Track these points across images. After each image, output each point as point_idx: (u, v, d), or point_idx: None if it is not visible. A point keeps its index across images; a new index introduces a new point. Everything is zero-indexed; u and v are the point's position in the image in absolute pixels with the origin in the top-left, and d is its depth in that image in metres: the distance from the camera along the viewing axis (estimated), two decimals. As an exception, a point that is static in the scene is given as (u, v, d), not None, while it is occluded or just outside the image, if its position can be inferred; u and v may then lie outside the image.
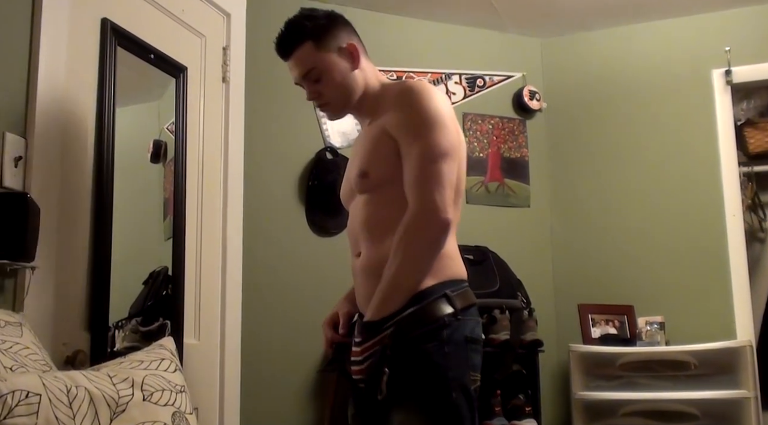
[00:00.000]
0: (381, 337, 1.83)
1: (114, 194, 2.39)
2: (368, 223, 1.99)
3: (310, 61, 2.03)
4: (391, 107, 1.97)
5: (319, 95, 2.07)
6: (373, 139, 2.00)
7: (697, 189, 3.90)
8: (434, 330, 1.85)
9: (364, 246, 2.00)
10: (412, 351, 1.83)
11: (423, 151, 1.89)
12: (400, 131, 1.93)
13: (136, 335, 2.49)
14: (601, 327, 3.80)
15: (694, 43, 4.00)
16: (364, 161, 2.01)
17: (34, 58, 2.13)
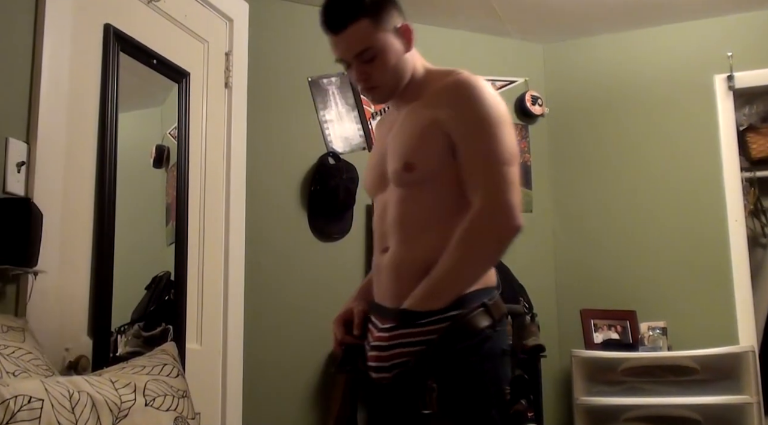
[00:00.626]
0: (416, 331, 1.76)
1: (116, 199, 2.40)
2: (404, 220, 1.88)
3: (366, 40, 1.85)
4: (446, 99, 1.85)
5: (369, 78, 1.89)
6: (420, 130, 1.87)
7: (699, 194, 3.90)
8: (477, 344, 1.78)
9: (395, 243, 1.88)
10: (455, 364, 1.76)
11: (493, 152, 1.80)
12: (461, 128, 1.82)
13: (139, 340, 2.49)
14: (603, 332, 3.79)
15: (696, 49, 4.00)
16: (409, 151, 1.87)
17: (37, 64, 2.14)
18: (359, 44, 1.85)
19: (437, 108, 1.85)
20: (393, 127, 1.97)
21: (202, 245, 2.91)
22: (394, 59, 1.88)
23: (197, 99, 2.95)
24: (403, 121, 1.93)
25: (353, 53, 1.86)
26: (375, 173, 2.01)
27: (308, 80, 3.60)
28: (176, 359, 2.00)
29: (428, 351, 1.74)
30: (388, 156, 1.92)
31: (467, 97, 1.83)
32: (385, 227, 1.93)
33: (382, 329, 1.82)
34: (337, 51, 1.90)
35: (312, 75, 3.60)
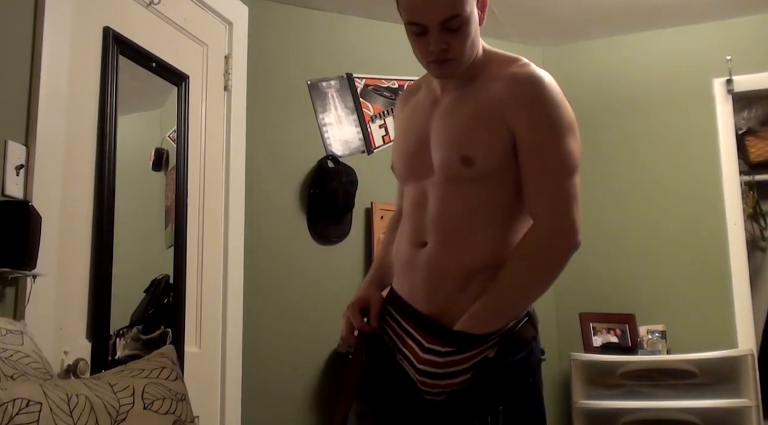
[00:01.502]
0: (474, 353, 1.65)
1: (115, 202, 2.40)
2: (451, 218, 1.72)
3: (458, 5, 1.64)
4: (516, 94, 1.69)
5: (448, 49, 1.68)
6: (482, 121, 1.70)
7: (698, 198, 3.90)
8: (525, 357, 1.70)
9: (437, 240, 1.72)
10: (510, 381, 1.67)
11: (562, 163, 1.68)
12: (531, 131, 1.68)
13: (137, 343, 2.49)
14: (602, 336, 3.79)
15: (695, 52, 4.00)
16: (467, 143, 1.70)
17: (36, 66, 2.14)
18: (450, 9, 1.63)
19: (503, 101, 1.69)
20: (436, 107, 1.80)
21: (201, 248, 2.92)
22: (474, 32, 1.70)
23: (196, 102, 2.95)
24: (456, 105, 1.76)
25: (441, 18, 1.64)
26: (413, 158, 1.81)
27: (307, 83, 3.60)
28: (175, 362, 1.99)
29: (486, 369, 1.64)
30: (435, 142, 1.75)
31: (540, 96, 1.69)
32: (423, 220, 1.76)
33: (433, 351, 1.67)
34: (416, 14, 1.66)
35: (311, 78, 3.60)
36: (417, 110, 1.86)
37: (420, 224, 1.76)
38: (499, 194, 1.71)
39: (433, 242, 1.73)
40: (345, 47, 3.78)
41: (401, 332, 1.76)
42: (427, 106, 1.83)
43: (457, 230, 1.72)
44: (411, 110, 1.89)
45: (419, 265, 1.74)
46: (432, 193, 1.75)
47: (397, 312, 1.79)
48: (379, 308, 1.81)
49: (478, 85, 1.74)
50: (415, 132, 1.82)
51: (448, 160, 1.71)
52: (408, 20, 1.68)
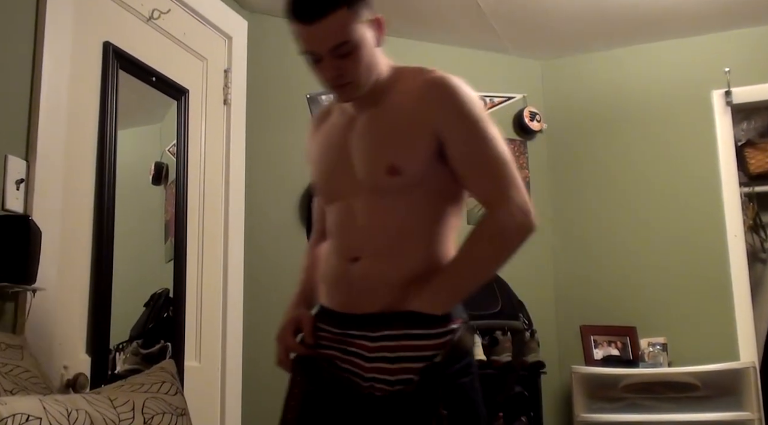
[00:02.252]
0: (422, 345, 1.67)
1: (115, 216, 2.40)
2: (383, 229, 1.74)
3: (344, 32, 1.68)
4: (432, 98, 1.73)
5: (344, 73, 1.72)
6: (401, 130, 1.74)
7: (698, 210, 3.90)
8: (467, 365, 1.73)
9: (370, 254, 1.74)
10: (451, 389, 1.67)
11: (496, 150, 1.73)
12: (458, 130, 1.71)
13: (137, 357, 2.49)
14: (603, 349, 3.78)
15: (693, 65, 4.01)
16: (392, 152, 1.72)
17: (37, 81, 2.15)
18: (337, 36, 1.68)
19: (422, 107, 1.73)
20: (352, 125, 1.82)
21: (201, 262, 2.91)
22: (369, 54, 1.73)
23: (196, 116, 2.96)
24: (374, 119, 1.78)
25: (330, 46, 1.69)
26: (336, 176, 1.83)
27: (306, 97, 3.60)
28: (175, 376, 1.99)
29: (431, 375, 1.65)
30: (357, 156, 1.78)
31: (457, 95, 1.73)
32: (353, 235, 1.78)
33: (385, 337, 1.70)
34: (308, 43, 1.71)
35: (310, 92, 3.61)
36: (333, 131, 1.89)
37: (350, 239, 1.79)
38: (426, 203, 1.75)
39: (365, 256, 1.75)
40: (344, 61, 3.79)
41: (342, 337, 1.78)
42: (342, 125, 1.85)
43: (388, 242, 1.74)
44: (326, 132, 1.92)
45: (353, 279, 1.76)
46: (359, 208, 1.77)
47: (331, 325, 1.81)
48: (311, 326, 1.84)
49: (393, 98, 1.78)
50: (334, 151, 1.85)
51: (374, 171, 1.74)
52: (302, 49, 1.74)
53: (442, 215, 1.77)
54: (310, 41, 1.71)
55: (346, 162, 1.79)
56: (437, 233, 1.75)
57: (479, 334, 3.44)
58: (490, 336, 3.47)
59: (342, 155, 1.81)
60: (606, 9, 3.69)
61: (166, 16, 2.78)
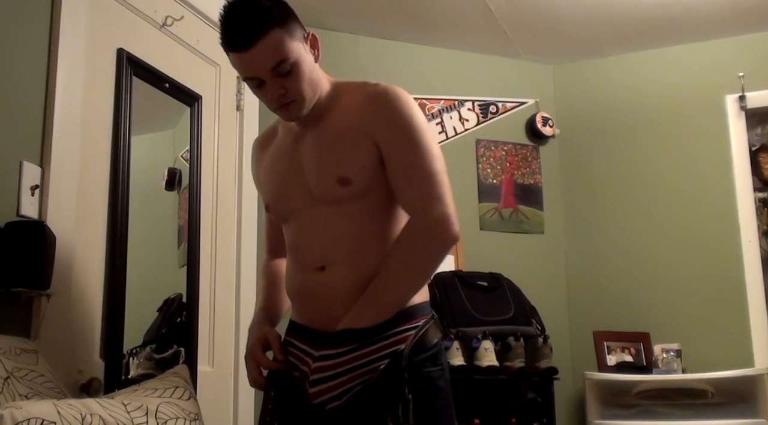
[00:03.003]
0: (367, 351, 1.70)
1: (129, 221, 2.41)
2: (342, 237, 1.79)
3: (281, 51, 1.71)
4: (371, 110, 1.78)
5: (287, 92, 1.76)
6: (349, 142, 1.79)
7: (712, 215, 3.88)
8: (434, 356, 1.77)
9: (334, 262, 1.79)
10: (417, 376, 1.72)
11: (427, 160, 1.77)
12: (391, 138, 1.77)
13: (151, 362, 2.49)
14: (616, 355, 3.77)
15: (707, 69, 4.00)
16: (341, 165, 1.78)
17: (51, 88, 2.16)
18: (274, 57, 1.71)
19: (362, 119, 1.78)
20: (299, 143, 1.87)
21: (214, 267, 2.92)
22: (308, 70, 1.77)
23: (209, 122, 2.96)
24: (320, 135, 1.83)
25: (268, 67, 1.71)
26: (290, 193, 1.87)
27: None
28: (188, 381, 1.99)
29: (396, 362, 1.69)
30: (309, 171, 1.82)
31: (394, 106, 1.78)
32: (314, 246, 1.82)
33: (323, 356, 1.73)
34: (247, 69, 1.75)
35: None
36: (280, 151, 1.94)
37: (313, 250, 1.82)
38: (381, 206, 1.80)
39: (330, 264, 1.79)
40: (356, 67, 3.80)
41: (301, 354, 1.82)
42: (289, 144, 1.90)
43: (350, 247, 1.78)
44: (273, 153, 1.97)
45: (319, 289, 1.80)
46: (317, 219, 1.81)
47: (298, 340, 1.86)
48: (279, 343, 1.87)
49: (337, 113, 1.82)
50: (284, 170, 1.89)
51: (326, 183, 1.79)
52: (243, 76, 1.78)
53: (396, 217, 1.82)
54: (249, 67, 1.74)
55: (298, 178, 1.84)
56: (393, 235, 1.80)
57: (492, 340, 3.43)
58: (503, 341, 3.46)
59: (293, 172, 1.86)
60: (618, 14, 3.69)
61: (179, 22, 2.79)
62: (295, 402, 1.79)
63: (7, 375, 1.67)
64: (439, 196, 1.75)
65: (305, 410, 1.76)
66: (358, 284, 1.75)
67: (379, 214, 1.81)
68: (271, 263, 2.12)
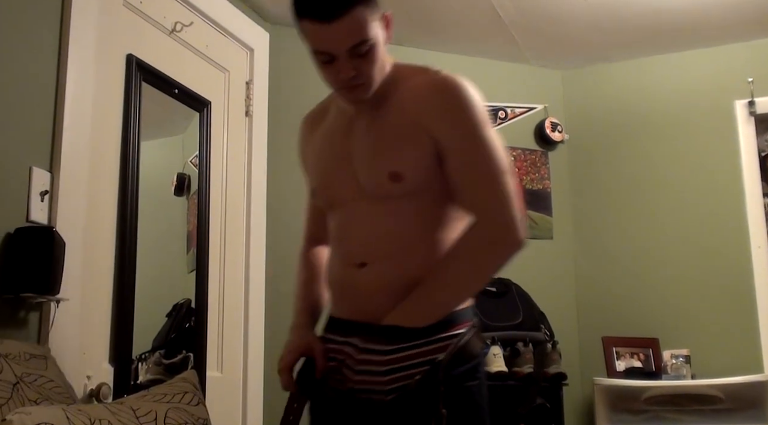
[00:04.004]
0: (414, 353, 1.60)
1: (138, 227, 2.41)
2: (389, 235, 1.69)
3: (364, 30, 1.58)
4: (432, 102, 1.67)
5: (359, 75, 1.63)
6: (405, 134, 1.67)
7: (721, 221, 3.87)
8: (473, 368, 1.66)
9: (375, 260, 1.69)
10: (457, 390, 1.61)
11: (491, 160, 1.64)
12: (453, 135, 1.65)
13: (159, 367, 2.50)
14: (625, 360, 3.76)
15: (716, 75, 3.99)
16: (394, 159, 1.66)
17: (61, 94, 2.17)
18: (357, 35, 1.58)
19: (422, 111, 1.66)
20: (352, 128, 1.75)
21: (223, 272, 2.92)
22: (382, 52, 1.65)
23: (218, 127, 2.97)
24: (375, 123, 1.71)
25: (348, 46, 1.59)
26: (337, 182, 1.77)
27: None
28: (197, 387, 2.00)
29: (433, 373, 1.58)
30: (359, 162, 1.71)
31: (456, 100, 1.66)
32: (356, 241, 1.72)
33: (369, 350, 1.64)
34: (323, 43, 1.61)
35: (332, 103, 3.62)
36: (332, 134, 1.82)
37: (355, 245, 1.72)
38: (431, 207, 1.69)
39: (372, 262, 1.68)
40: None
41: (340, 347, 1.72)
42: (342, 128, 1.78)
43: (394, 247, 1.68)
44: (324, 135, 1.85)
45: (360, 285, 1.70)
46: (363, 214, 1.71)
47: (336, 334, 1.75)
48: (324, 359, 1.72)
49: (394, 101, 1.70)
50: (335, 156, 1.78)
51: (377, 178, 1.67)
52: (314, 49, 1.64)
53: (447, 219, 1.70)
54: (326, 41, 1.60)
55: (347, 167, 1.73)
56: (443, 237, 1.69)
57: (500, 345, 3.43)
58: (512, 347, 3.45)
59: (342, 159, 1.75)
60: (627, 19, 3.68)
61: (189, 28, 2.80)
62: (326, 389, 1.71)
63: (17, 380, 1.68)
64: (506, 198, 1.64)
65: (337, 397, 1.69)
66: (398, 284, 1.66)
67: (428, 215, 1.69)
68: (310, 252, 2.00)
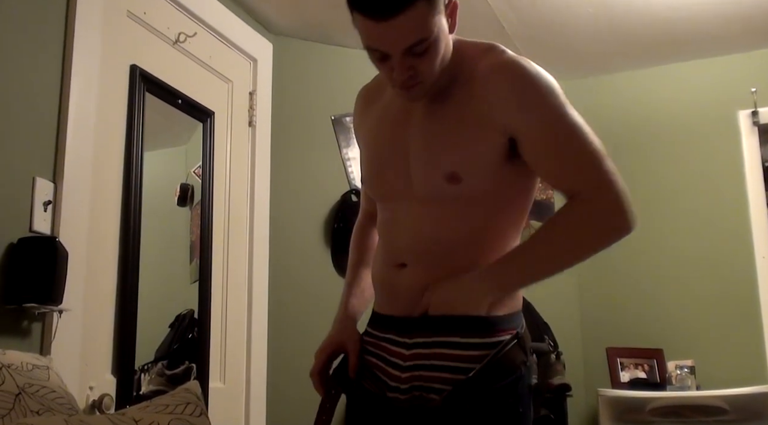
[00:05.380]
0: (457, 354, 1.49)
1: (141, 237, 2.41)
2: (433, 242, 1.55)
3: (423, 29, 1.41)
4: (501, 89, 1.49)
5: (415, 74, 1.47)
6: (465, 130, 1.51)
7: (725, 231, 3.86)
8: (513, 383, 1.51)
9: (416, 263, 1.57)
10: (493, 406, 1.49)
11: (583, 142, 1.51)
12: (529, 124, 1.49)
13: (162, 378, 2.49)
14: (630, 371, 3.74)
15: (719, 85, 3.99)
16: (453, 157, 1.51)
17: (65, 104, 2.17)
18: (414, 34, 1.41)
19: (487, 101, 1.49)
20: (409, 116, 1.59)
21: (226, 283, 2.92)
22: (444, 47, 1.48)
23: (221, 138, 2.98)
24: (435, 113, 1.56)
25: (405, 46, 1.42)
26: (390, 176, 1.62)
27: (331, 118, 3.62)
28: (199, 398, 1.99)
29: (462, 388, 1.47)
30: (415, 158, 1.56)
31: (529, 85, 1.50)
32: (400, 241, 1.60)
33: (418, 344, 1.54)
34: (378, 41, 1.44)
35: (335, 113, 3.62)
36: (386, 119, 1.66)
37: (397, 245, 1.60)
38: (482, 214, 1.54)
39: (412, 264, 1.57)
40: (368, 83, 3.81)
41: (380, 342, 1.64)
42: (397, 114, 1.63)
43: (437, 253, 1.55)
44: (378, 118, 1.69)
45: (401, 286, 1.59)
46: (410, 215, 1.58)
47: (376, 329, 1.68)
48: (356, 359, 1.67)
49: (457, 88, 1.54)
50: (389, 145, 1.63)
51: (432, 178, 1.53)
52: (367, 46, 1.47)
53: (498, 229, 1.58)
54: (380, 39, 1.44)
55: (401, 162, 1.58)
56: (490, 247, 1.56)
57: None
58: (515, 358, 3.44)
59: (397, 154, 1.60)
60: (629, 30, 3.69)
61: (192, 39, 2.81)
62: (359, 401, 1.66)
63: (19, 391, 1.67)
64: (612, 177, 1.50)
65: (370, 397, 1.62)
66: None
67: (479, 223, 1.55)
68: (365, 230, 1.86)
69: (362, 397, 1.68)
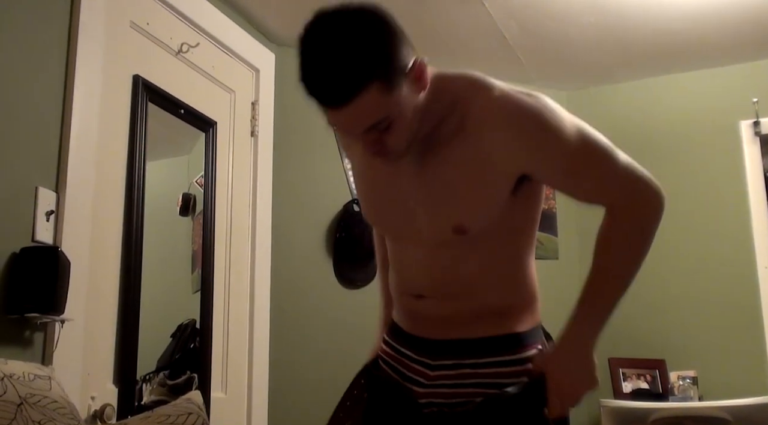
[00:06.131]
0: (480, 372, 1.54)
1: (143, 246, 2.41)
2: (450, 276, 1.56)
3: (380, 110, 1.36)
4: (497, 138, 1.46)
5: (383, 145, 1.43)
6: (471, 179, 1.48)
7: (727, 241, 3.85)
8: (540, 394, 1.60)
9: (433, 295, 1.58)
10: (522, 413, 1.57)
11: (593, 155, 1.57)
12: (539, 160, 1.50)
13: (164, 388, 2.49)
14: (632, 382, 3.73)
15: (721, 95, 3.99)
16: (459, 210, 1.50)
17: (67, 114, 2.18)
18: (371, 117, 1.37)
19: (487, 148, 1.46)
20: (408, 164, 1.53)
21: (228, 292, 2.92)
22: (410, 114, 1.41)
23: (224, 148, 2.98)
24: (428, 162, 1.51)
25: (364, 127, 1.39)
26: (393, 219, 1.61)
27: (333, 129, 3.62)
28: (201, 407, 1.98)
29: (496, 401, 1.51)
30: (419, 213, 1.54)
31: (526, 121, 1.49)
32: (412, 276, 1.61)
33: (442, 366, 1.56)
34: (338, 125, 1.44)
35: (337, 123, 3.63)
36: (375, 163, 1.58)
37: (410, 279, 1.62)
38: (491, 246, 1.55)
39: (429, 296, 1.58)
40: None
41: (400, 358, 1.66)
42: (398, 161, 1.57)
43: (451, 286, 1.56)
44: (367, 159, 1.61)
45: (419, 314, 1.61)
46: (421, 253, 1.58)
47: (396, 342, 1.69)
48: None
49: (449, 131, 1.49)
50: (385, 188, 1.60)
51: (439, 230, 1.52)
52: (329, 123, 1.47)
53: (510, 257, 1.60)
54: (338, 123, 1.44)
55: (401, 209, 1.57)
56: (508, 273, 1.60)
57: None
58: (517, 368, 3.43)
59: (395, 198, 1.58)
60: (631, 40, 3.69)
61: (195, 49, 2.81)
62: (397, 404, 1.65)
63: (21, 401, 1.67)
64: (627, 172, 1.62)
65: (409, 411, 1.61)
66: (457, 313, 1.57)
67: (490, 255, 1.56)
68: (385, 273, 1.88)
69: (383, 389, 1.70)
